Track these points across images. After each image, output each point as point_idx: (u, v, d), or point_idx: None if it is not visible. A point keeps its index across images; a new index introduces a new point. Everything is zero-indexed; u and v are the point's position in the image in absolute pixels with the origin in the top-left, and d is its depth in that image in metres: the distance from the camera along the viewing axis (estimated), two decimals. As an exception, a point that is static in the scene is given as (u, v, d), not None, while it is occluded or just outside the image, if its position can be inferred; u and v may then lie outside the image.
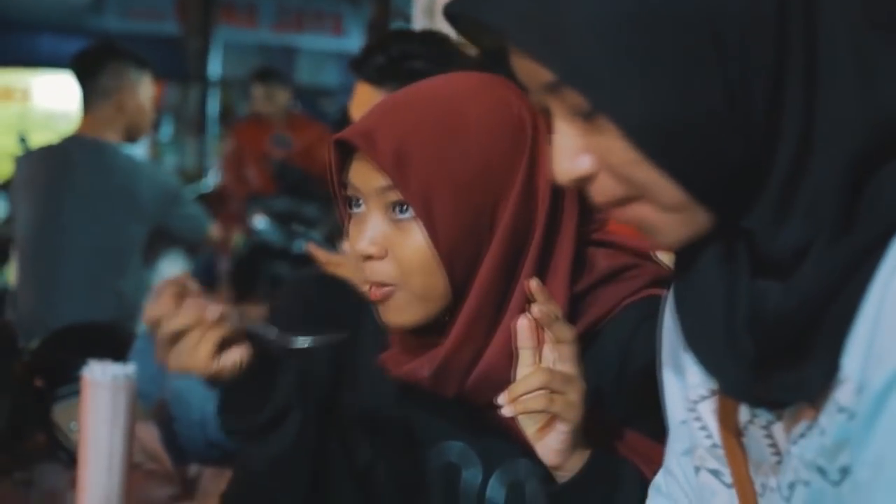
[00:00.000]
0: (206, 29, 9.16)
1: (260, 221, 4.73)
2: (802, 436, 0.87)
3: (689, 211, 0.84)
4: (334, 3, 12.08)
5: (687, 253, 0.90)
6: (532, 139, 1.28)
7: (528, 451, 1.27)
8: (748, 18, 0.79)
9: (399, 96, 1.32)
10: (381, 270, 1.27)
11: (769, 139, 0.81)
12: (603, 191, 0.86)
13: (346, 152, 1.31)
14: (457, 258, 1.25)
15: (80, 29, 10.75)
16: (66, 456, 2.26)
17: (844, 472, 0.82)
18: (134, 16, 11.73)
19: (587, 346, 1.26)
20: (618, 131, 0.81)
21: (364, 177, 1.27)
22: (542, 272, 1.28)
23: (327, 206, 4.82)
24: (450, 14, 0.90)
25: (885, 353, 0.77)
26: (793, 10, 0.80)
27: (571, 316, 1.27)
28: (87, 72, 3.38)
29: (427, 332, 1.32)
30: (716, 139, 0.80)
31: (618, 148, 0.82)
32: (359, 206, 1.30)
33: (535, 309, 1.17)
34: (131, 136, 3.41)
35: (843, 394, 0.81)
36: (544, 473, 1.23)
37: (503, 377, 1.26)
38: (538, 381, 1.14)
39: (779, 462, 0.91)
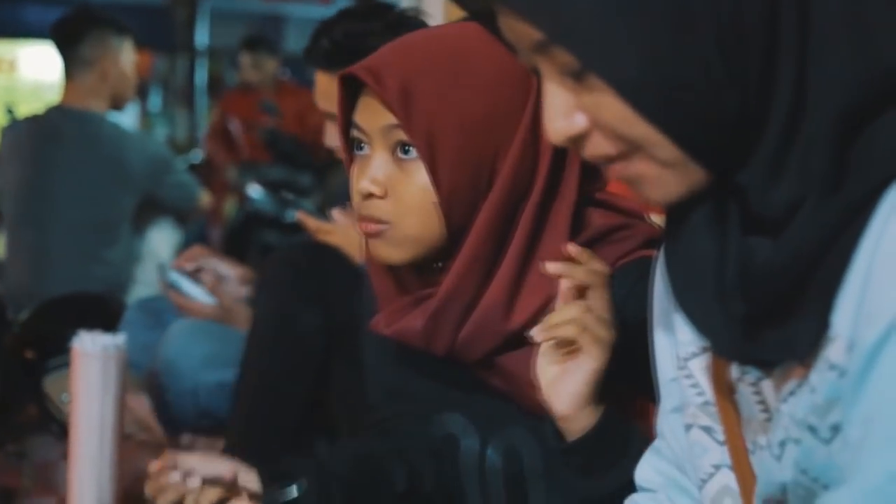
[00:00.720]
0: (192, -2, 9.11)
1: (254, 190, 4.71)
2: (792, 394, 0.87)
3: (683, 167, 0.83)
4: (322, -30, 12.01)
5: (678, 212, 0.90)
6: (536, 91, 1.28)
7: (524, 414, 1.27)
8: None
9: (408, 38, 1.32)
10: (379, 207, 1.28)
11: (763, 94, 0.81)
12: (596, 148, 0.85)
13: (352, 94, 1.32)
14: (456, 202, 1.26)
15: (64, -1, 10.68)
16: (58, 427, 2.26)
17: (835, 429, 0.82)
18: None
19: None
20: (609, 89, 0.80)
21: (370, 116, 1.28)
22: (539, 226, 1.29)
23: (319, 175, 4.81)
24: None
25: (876, 309, 0.76)
26: None
27: None
28: (68, 41, 3.34)
29: (417, 287, 1.34)
30: (710, 95, 0.79)
31: (610, 106, 0.81)
32: (362, 148, 1.31)
33: (572, 248, 1.19)
34: (116, 104, 3.39)
35: (833, 351, 0.81)
36: (544, 434, 1.24)
37: (496, 330, 1.27)
38: (573, 313, 1.16)
39: (768, 419, 0.91)
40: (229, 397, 2.01)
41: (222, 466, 1.33)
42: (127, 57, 3.37)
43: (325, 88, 2.18)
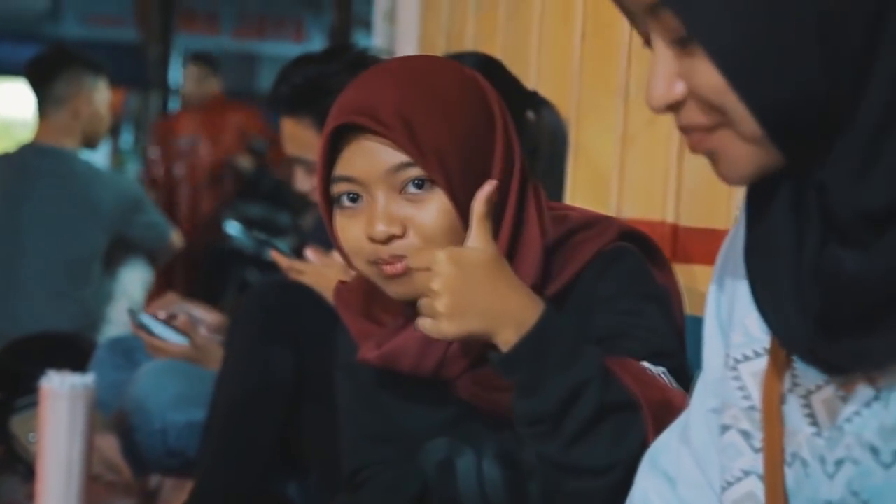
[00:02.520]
0: (166, 36, 9.08)
1: (232, 227, 4.71)
2: (858, 413, 0.85)
3: (762, 146, 0.83)
4: (296, 9, 12.05)
5: (759, 197, 0.89)
6: (501, 113, 1.32)
7: (512, 420, 1.27)
8: None
9: (376, 73, 1.32)
10: (405, 245, 1.26)
11: (859, 86, 0.80)
12: (689, 117, 0.86)
13: (331, 150, 1.30)
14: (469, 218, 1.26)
15: (38, 36, 10.67)
16: (25, 468, 2.23)
17: None
18: (92, 22, 11.66)
19: (569, 294, 1.30)
20: (707, 57, 0.81)
21: (366, 163, 1.26)
22: (518, 231, 1.31)
23: (298, 215, 4.81)
24: None
25: None
26: None
27: (553, 266, 1.31)
28: (42, 79, 3.34)
29: (398, 311, 1.34)
30: (802, 76, 0.79)
31: (706, 73, 0.82)
32: (354, 200, 1.29)
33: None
34: (89, 142, 3.38)
35: None
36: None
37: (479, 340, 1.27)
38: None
39: (816, 434, 0.90)
40: (199, 437, 1.99)
41: None
42: (101, 96, 3.37)
43: (291, 133, 2.19)
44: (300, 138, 2.18)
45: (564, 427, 1.17)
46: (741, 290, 0.95)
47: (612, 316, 1.29)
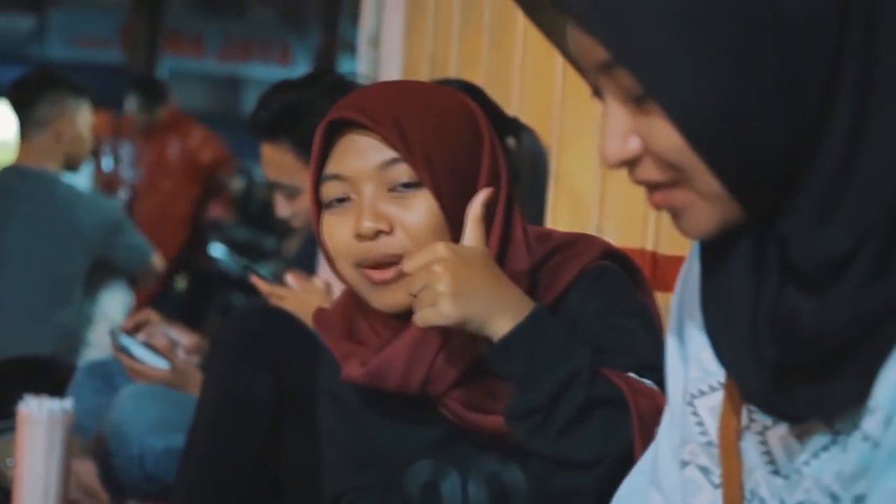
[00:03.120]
0: (151, 58, 9.10)
1: (217, 249, 4.71)
2: (816, 456, 0.86)
3: (722, 202, 0.83)
4: (281, 32, 12.08)
5: (717, 246, 0.89)
6: (489, 133, 1.35)
7: (496, 441, 1.29)
8: (808, 12, 0.78)
9: (374, 88, 1.37)
10: (395, 243, 1.28)
11: (816, 139, 0.80)
12: (645, 174, 0.86)
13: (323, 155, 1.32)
14: (456, 224, 1.29)
15: (23, 57, 10.66)
16: (1, 493, 2.21)
17: (858, 500, 0.81)
18: (78, 44, 11.66)
19: (555, 311, 1.31)
20: (664, 115, 0.81)
21: (356, 160, 1.29)
22: (505, 245, 1.33)
23: (284, 239, 4.81)
24: None
25: None
26: (855, 6, 0.78)
27: (538, 284, 1.33)
28: (24, 101, 3.35)
29: (383, 328, 1.35)
30: (761, 134, 0.79)
31: (663, 131, 0.82)
32: (342, 200, 1.30)
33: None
34: (71, 165, 3.38)
35: (870, 422, 0.80)
36: (518, 456, 1.28)
37: (465, 355, 1.29)
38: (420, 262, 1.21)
39: (774, 472, 0.90)
40: (177, 463, 1.98)
41: None
42: (83, 119, 3.37)
43: (270, 158, 2.20)
44: (279, 163, 2.18)
45: (555, 417, 1.19)
46: (696, 325, 0.95)
47: (598, 332, 1.31)
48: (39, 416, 1.88)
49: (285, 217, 2.24)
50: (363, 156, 1.29)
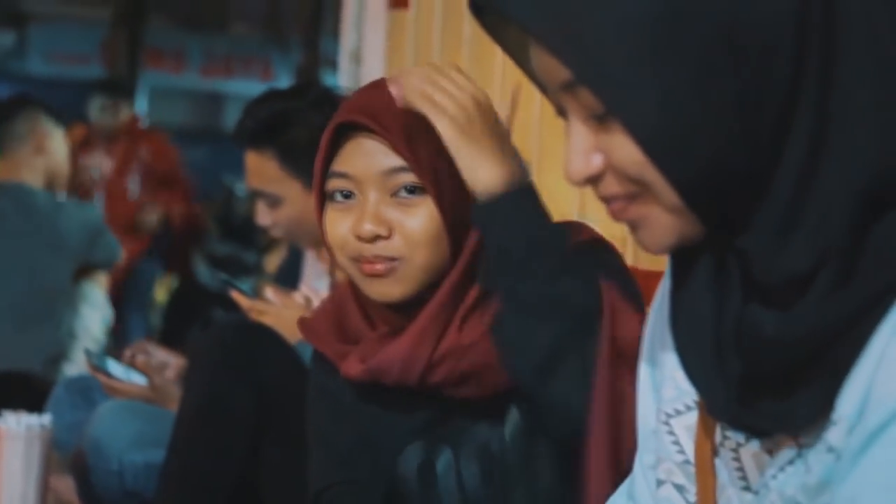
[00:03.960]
0: (132, 73, 9.08)
1: (199, 265, 4.71)
2: (782, 470, 0.87)
3: (682, 217, 0.84)
4: (263, 48, 12.08)
5: (683, 261, 0.91)
6: None
7: (485, 410, 1.35)
8: (766, 31, 0.79)
9: (382, 93, 1.37)
10: (390, 246, 1.33)
11: (775, 157, 0.81)
12: (607, 188, 0.87)
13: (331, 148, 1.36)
14: (459, 233, 1.34)
15: (3, 73, 10.64)
16: (-21, 509, 2.20)
17: None
18: (58, 60, 11.64)
19: None
20: (626, 133, 0.82)
21: (363, 163, 1.33)
22: None
23: (265, 254, 4.81)
24: (476, 7, 0.92)
25: (883, 396, 0.77)
26: (812, 26, 0.80)
27: None
28: (2, 117, 3.37)
29: (383, 324, 1.39)
30: (721, 150, 0.81)
31: (625, 148, 0.83)
32: (347, 196, 1.35)
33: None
34: (51, 184, 3.39)
35: (834, 434, 0.81)
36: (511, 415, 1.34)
37: (463, 344, 1.34)
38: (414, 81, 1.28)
39: (745, 488, 0.91)
40: (156, 478, 1.97)
41: None
42: (59, 146, 3.40)
43: (254, 167, 2.20)
44: (262, 172, 2.18)
45: (535, 269, 1.25)
46: (670, 346, 0.96)
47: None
48: (17, 431, 1.88)
49: (266, 226, 2.24)
50: (370, 158, 1.33)
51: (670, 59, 0.79)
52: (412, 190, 1.33)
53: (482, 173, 1.27)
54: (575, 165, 0.86)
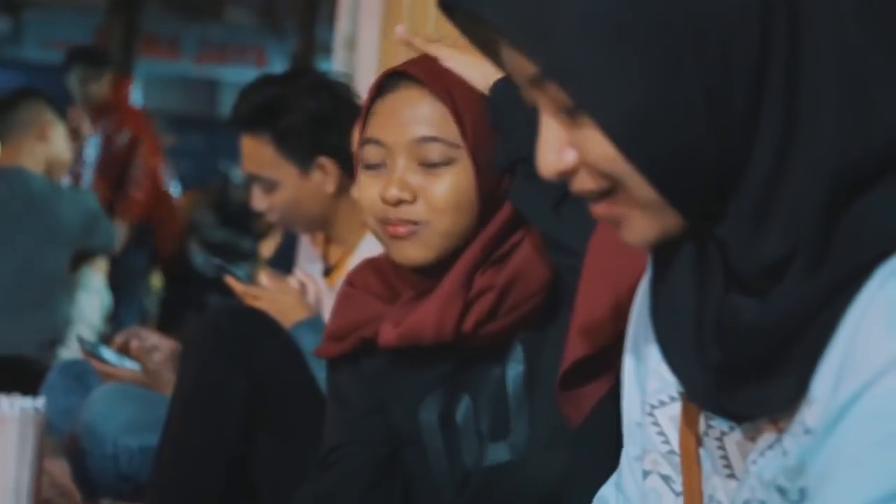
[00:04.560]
0: (127, 61, 9.07)
1: (195, 251, 4.72)
2: (762, 455, 0.87)
3: (660, 211, 0.85)
4: (258, 35, 12.07)
5: (663, 253, 0.92)
6: None
7: (499, 357, 1.42)
8: (731, 22, 0.79)
9: (427, 56, 1.44)
10: (412, 210, 1.40)
11: (745, 149, 0.82)
12: (582, 184, 0.87)
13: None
14: (491, 198, 1.40)
15: (-1, 59, 10.63)
16: (-26, 492, 2.20)
17: (803, 492, 0.83)
18: (53, 46, 11.61)
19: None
20: (596, 127, 0.82)
21: (396, 130, 1.41)
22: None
23: (260, 240, 4.81)
24: (445, 6, 0.92)
25: (852, 371, 0.78)
26: (777, 15, 0.80)
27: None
28: (6, 104, 3.39)
29: (409, 288, 1.44)
30: (692, 142, 0.81)
31: (596, 143, 0.83)
32: (379, 163, 1.42)
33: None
34: (50, 172, 3.40)
35: (810, 415, 0.82)
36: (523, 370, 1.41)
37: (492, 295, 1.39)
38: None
39: (730, 476, 0.92)
40: (151, 462, 1.98)
41: None
42: (61, 136, 3.41)
43: (249, 151, 2.20)
44: (258, 156, 2.19)
45: None
46: (653, 339, 0.97)
47: None
48: (11, 414, 1.88)
49: (262, 210, 2.25)
50: (404, 127, 1.40)
51: (636, 52, 0.79)
52: (440, 160, 1.39)
53: (488, 68, 1.32)
54: (546, 160, 0.87)
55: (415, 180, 1.40)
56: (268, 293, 2.09)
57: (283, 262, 2.64)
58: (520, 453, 1.42)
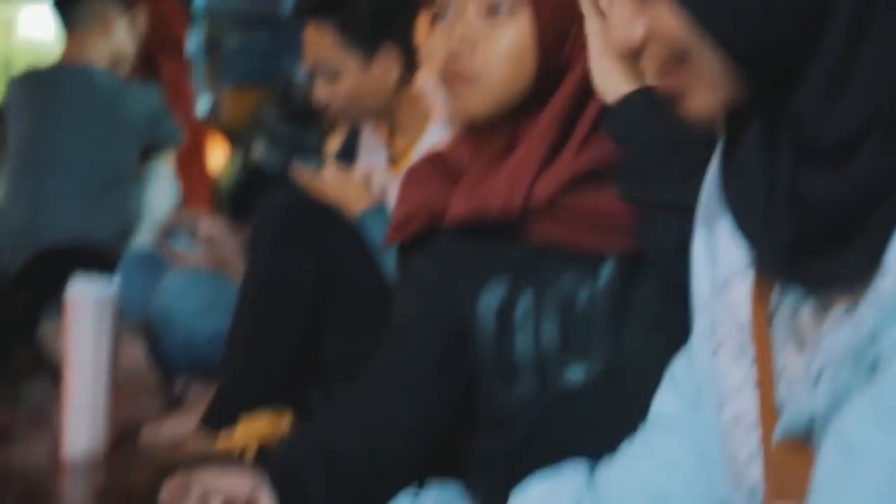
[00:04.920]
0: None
1: (260, 145, 4.72)
2: (835, 325, 0.88)
3: (728, 79, 0.86)
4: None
5: (733, 129, 0.92)
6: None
7: (575, 260, 1.38)
8: None
9: None
10: (469, 60, 1.40)
11: (821, 11, 0.82)
12: (652, 56, 0.89)
13: None
14: (551, 52, 1.39)
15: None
16: (52, 372, 2.28)
17: (875, 362, 0.83)
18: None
19: None
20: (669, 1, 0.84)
21: None
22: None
23: (325, 135, 4.80)
24: None
25: None
26: None
27: None
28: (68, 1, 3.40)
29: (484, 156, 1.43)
30: (768, 12, 0.81)
31: (666, 12, 0.85)
32: (446, 16, 1.43)
33: None
34: (115, 66, 3.41)
35: (884, 285, 0.82)
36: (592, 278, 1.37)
37: (564, 175, 1.37)
38: None
39: (800, 348, 0.92)
40: (223, 345, 2.03)
41: (239, 484, 1.30)
42: (124, 30, 3.42)
43: (313, 41, 2.20)
44: (322, 45, 2.18)
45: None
46: (724, 213, 0.97)
47: None
48: (87, 297, 1.91)
49: (325, 101, 2.25)
50: None
51: None
52: (505, 10, 1.39)
53: (614, 78, 1.30)
54: (619, 34, 0.88)
55: (478, 32, 1.40)
56: (333, 184, 2.12)
57: (349, 157, 2.65)
58: (595, 379, 1.36)
